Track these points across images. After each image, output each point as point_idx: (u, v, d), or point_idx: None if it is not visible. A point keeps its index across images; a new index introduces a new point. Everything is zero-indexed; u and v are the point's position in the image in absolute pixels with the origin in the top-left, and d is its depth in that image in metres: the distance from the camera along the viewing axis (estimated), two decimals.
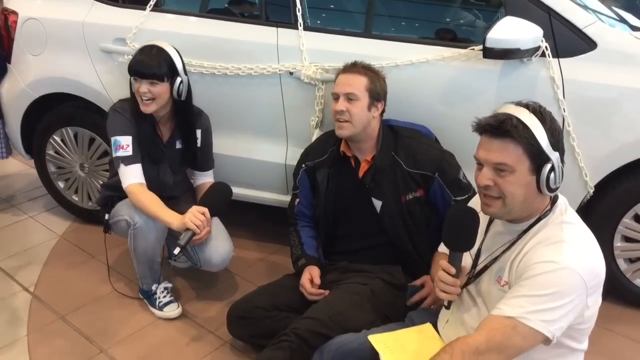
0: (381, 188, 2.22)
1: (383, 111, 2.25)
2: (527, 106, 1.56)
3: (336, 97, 2.21)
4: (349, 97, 2.16)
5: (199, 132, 2.60)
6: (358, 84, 2.17)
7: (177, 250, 2.26)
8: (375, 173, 2.21)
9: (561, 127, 2.20)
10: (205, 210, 2.31)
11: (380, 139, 2.23)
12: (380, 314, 2.06)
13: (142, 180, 2.41)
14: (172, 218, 2.33)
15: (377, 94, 2.20)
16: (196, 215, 2.29)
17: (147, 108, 2.39)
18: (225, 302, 2.54)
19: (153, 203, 2.37)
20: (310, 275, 2.24)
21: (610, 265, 2.45)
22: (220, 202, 2.41)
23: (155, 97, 2.36)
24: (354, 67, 2.22)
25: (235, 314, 2.28)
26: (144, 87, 2.35)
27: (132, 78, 2.39)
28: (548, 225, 1.59)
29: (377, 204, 2.23)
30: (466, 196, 2.15)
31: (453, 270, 1.65)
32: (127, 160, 2.40)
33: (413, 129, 2.35)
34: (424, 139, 2.32)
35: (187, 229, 2.28)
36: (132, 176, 2.40)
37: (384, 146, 2.22)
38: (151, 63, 2.35)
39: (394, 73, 2.40)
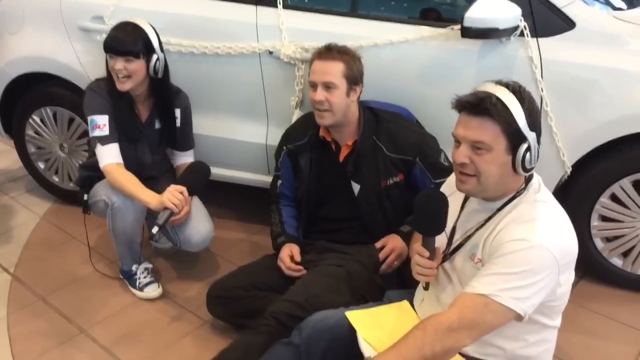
0: (361, 172, 2.22)
1: (360, 92, 2.23)
2: (507, 85, 1.56)
3: (313, 86, 2.16)
4: (327, 86, 2.12)
5: (178, 112, 2.58)
6: (335, 71, 2.12)
7: (155, 230, 2.26)
8: (356, 157, 2.21)
9: (539, 107, 2.24)
10: (184, 189, 2.31)
11: (361, 123, 2.21)
12: (357, 295, 2.07)
13: (119, 160, 2.40)
14: (149, 197, 2.32)
15: (355, 78, 2.16)
16: (174, 194, 2.28)
17: (123, 86, 2.36)
18: (206, 282, 2.54)
19: (130, 182, 2.35)
20: (291, 252, 2.25)
21: (587, 245, 2.47)
22: (199, 181, 2.40)
23: (130, 74, 2.34)
24: (329, 53, 2.14)
25: (215, 294, 2.29)
26: (119, 64, 2.32)
27: (107, 55, 2.36)
28: (522, 203, 1.60)
29: (356, 187, 2.24)
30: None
31: (427, 254, 1.67)
32: (104, 140, 2.38)
33: (394, 112, 2.34)
34: (405, 122, 2.31)
35: (165, 208, 2.27)
36: (109, 156, 2.38)
37: (365, 130, 2.20)
38: (126, 39, 2.32)
39: (373, 52, 2.39)
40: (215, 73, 2.68)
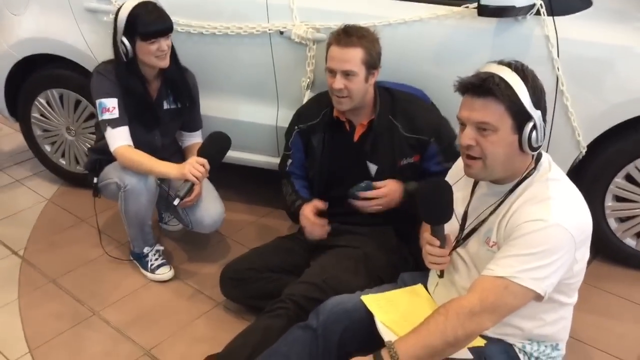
0: (378, 152, 2.20)
1: (377, 74, 2.18)
2: (509, 65, 1.54)
3: (332, 72, 2.11)
4: (347, 74, 2.07)
5: None
6: (355, 59, 2.06)
7: (176, 202, 2.24)
8: (374, 137, 2.19)
9: (555, 86, 2.22)
10: (205, 161, 2.26)
11: (377, 102, 2.18)
12: (373, 277, 2.06)
13: (130, 142, 2.37)
14: (169, 168, 2.29)
15: (374, 62, 2.11)
16: (195, 166, 2.24)
17: (165, 61, 2.35)
18: (218, 265, 2.53)
19: (146, 157, 2.33)
20: (314, 207, 2.22)
21: (601, 225, 2.47)
22: (220, 153, 2.35)
23: (168, 49, 2.34)
24: (349, 38, 2.06)
25: (228, 276, 2.29)
26: (163, 44, 2.30)
27: (143, 41, 2.28)
28: (534, 183, 1.59)
29: (373, 168, 2.22)
30: None
31: (437, 243, 1.67)
32: (114, 123, 2.35)
33: (410, 92, 2.30)
34: (421, 102, 2.28)
35: (186, 180, 2.24)
36: (120, 139, 2.35)
37: (382, 110, 2.17)
38: (163, 18, 2.31)
39: (387, 32, 2.35)
40: (224, 54, 2.64)
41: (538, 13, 2.21)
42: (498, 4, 2.12)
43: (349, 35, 2.08)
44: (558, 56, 2.21)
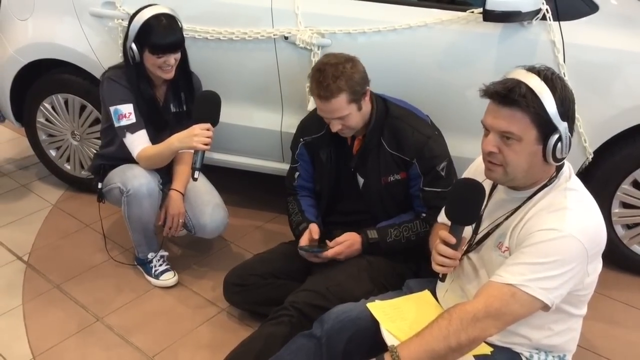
0: (365, 166, 2.19)
1: (369, 90, 2.13)
2: (538, 73, 1.50)
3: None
4: (339, 118, 2.05)
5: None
6: (340, 106, 2.01)
7: (196, 175, 2.22)
8: (363, 151, 2.17)
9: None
10: (209, 125, 2.23)
11: (373, 116, 2.14)
12: (377, 284, 2.05)
13: (149, 144, 2.39)
14: (182, 143, 2.26)
15: (360, 92, 2.04)
16: (202, 134, 2.20)
17: (170, 74, 2.36)
18: (222, 270, 2.51)
19: (159, 147, 2.35)
20: (310, 234, 2.20)
21: (608, 231, 2.41)
22: (217, 111, 2.30)
23: (176, 62, 2.35)
24: (327, 90, 1.98)
25: (232, 281, 2.28)
26: (171, 59, 2.31)
27: (151, 54, 2.29)
28: (552, 191, 1.57)
29: (360, 181, 2.22)
30: (439, 190, 2.11)
31: (453, 240, 1.61)
32: (133, 128, 2.36)
33: (406, 108, 2.22)
34: (412, 120, 2.17)
35: (196, 151, 2.22)
36: (140, 143, 2.37)
37: (375, 125, 2.14)
38: (175, 35, 2.31)
39: (392, 37, 2.35)
40: (229, 59, 2.64)
41: (544, 18, 2.20)
42: (504, 9, 2.10)
43: (325, 86, 1.99)
44: (564, 61, 2.20)
